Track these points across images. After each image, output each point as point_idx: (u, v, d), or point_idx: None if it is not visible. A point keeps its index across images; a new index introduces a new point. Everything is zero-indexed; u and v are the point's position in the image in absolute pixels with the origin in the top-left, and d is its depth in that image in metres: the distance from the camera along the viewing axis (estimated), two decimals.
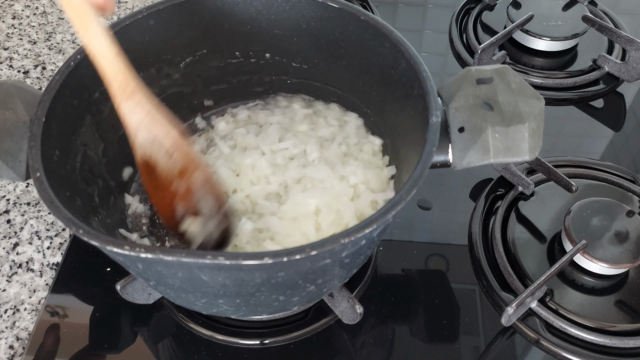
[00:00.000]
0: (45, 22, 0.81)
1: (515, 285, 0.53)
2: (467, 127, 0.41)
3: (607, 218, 0.54)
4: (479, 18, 0.82)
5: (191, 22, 0.51)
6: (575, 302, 0.52)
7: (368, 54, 0.50)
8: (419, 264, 0.56)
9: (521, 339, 0.51)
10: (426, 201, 0.62)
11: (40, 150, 0.38)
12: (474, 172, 0.63)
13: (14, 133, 0.41)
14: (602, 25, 0.73)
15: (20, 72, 0.74)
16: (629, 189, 0.60)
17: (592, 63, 0.75)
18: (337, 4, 0.49)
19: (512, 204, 0.59)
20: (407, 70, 0.45)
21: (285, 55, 0.56)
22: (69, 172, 0.43)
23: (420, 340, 0.51)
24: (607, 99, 0.73)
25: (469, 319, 0.52)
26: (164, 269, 0.36)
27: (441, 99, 0.42)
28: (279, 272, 0.36)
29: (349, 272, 0.45)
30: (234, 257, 0.32)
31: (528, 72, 0.74)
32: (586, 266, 0.53)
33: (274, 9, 0.52)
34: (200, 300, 0.40)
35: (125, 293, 0.46)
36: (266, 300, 0.40)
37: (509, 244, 0.56)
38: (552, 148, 0.67)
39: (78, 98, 0.45)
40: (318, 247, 0.33)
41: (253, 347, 0.50)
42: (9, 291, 0.54)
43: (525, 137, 0.40)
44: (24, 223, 0.59)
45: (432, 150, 0.38)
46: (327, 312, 0.51)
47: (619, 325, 0.51)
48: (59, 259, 0.56)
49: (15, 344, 0.51)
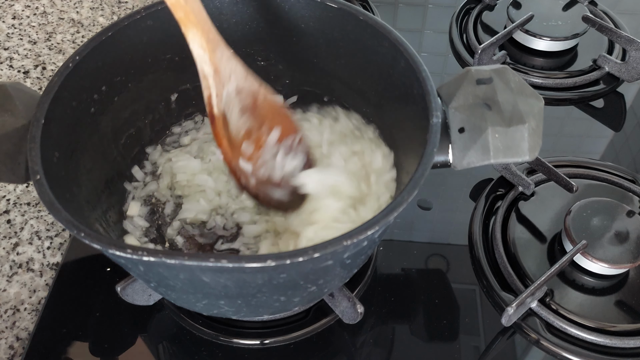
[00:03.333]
0: (45, 22, 0.81)
1: (516, 285, 0.53)
2: (467, 127, 0.41)
3: (607, 218, 0.54)
4: (479, 18, 0.82)
5: None
6: (576, 302, 0.52)
7: (367, 53, 0.50)
8: (419, 263, 0.56)
9: (521, 339, 0.51)
10: (426, 201, 0.62)
11: (40, 152, 0.38)
12: (474, 172, 0.63)
13: (13, 135, 0.40)
14: (602, 25, 0.73)
15: (21, 72, 0.74)
16: (629, 189, 0.60)
17: (592, 63, 0.75)
18: (335, 4, 0.49)
19: (512, 204, 0.59)
20: (406, 70, 0.45)
21: (284, 55, 0.56)
22: (69, 174, 0.43)
23: (420, 340, 0.51)
24: (607, 99, 0.73)
25: (469, 319, 0.52)
26: (166, 271, 0.36)
27: (441, 99, 0.42)
28: (281, 274, 0.36)
29: (350, 272, 0.45)
30: (237, 260, 0.32)
31: (528, 72, 0.74)
32: (586, 266, 0.53)
33: (273, 9, 0.51)
34: (201, 301, 0.40)
35: (125, 294, 0.46)
36: (267, 301, 0.40)
37: (509, 244, 0.56)
38: (552, 148, 0.67)
39: (77, 99, 0.45)
40: (320, 249, 0.33)
41: (253, 347, 0.50)
42: (9, 291, 0.54)
43: (525, 137, 0.40)
44: (24, 223, 0.59)
45: (432, 152, 0.38)
46: (328, 312, 0.51)
47: (619, 325, 0.51)
48: (59, 259, 0.56)
49: (15, 344, 0.51)
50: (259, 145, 0.44)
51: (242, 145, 0.44)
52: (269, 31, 0.53)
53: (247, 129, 0.43)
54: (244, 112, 0.43)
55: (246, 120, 0.43)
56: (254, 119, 0.44)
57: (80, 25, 0.81)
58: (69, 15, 0.82)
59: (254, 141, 0.44)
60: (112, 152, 0.51)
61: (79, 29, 0.80)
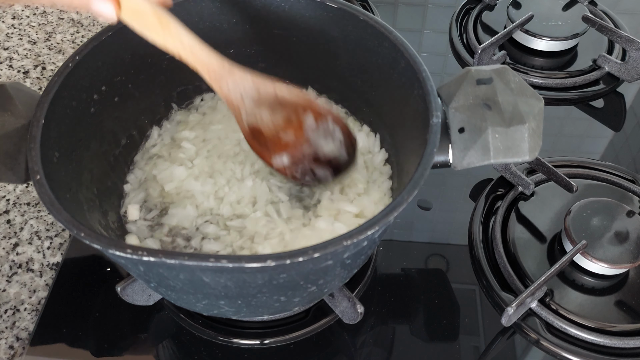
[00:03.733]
0: (45, 22, 0.81)
1: (516, 285, 0.53)
2: (467, 128, 0.41)
3: (607, 218, 0.54)
4: (479, 18, 0.82)
5: (190, 22, 0.51)
6: (575, 302, 0.52)
7: (367, 54, 0.50)
8: (419, 263, 0.56)
9: (521, 339, 0.51)
10: (426, 201, 0.62)
11: (40, 152, 0.38)
12: (474, 172, 0.63)
13: (13, 135, 0.40)
14: (602, 25, 0.73)
15: (20, 72, 0.74)
16: (629, 189, 0.61)
17: (592, 63, 0.75)
18: (335, 4, 0.49)
19: (512, 204, 0.59)
20: (406, 70, 0.45)
21: (284, 55, 0.56)
22: (69, 174, 0.43)
23: (420, 340, 0.51)
24: (607, 99, 0.73)
25: (469, 319, 0.52)
26: (166, 271, 0.36)
27: (441, 99, 0.42)
28: (281, 274, 0.36)
29: (350, 272, 0.45)
30: (237, 260, 0.32)
31: (528, 72, 0.74)
32: (586, 266, 0.53)
33: (273, 9, 0.51)
34: (201, 301, 0.40)
35: (125, 294, 0.46)
36: (267, 301, 0.40)
37: (509, 244, 0.56)
38: (552, 148, 0.67)
39: (77, 99, 0.45)
40: (320, 249, 0.33)
41: (253, 347, 0.50)
42: (9, 291, 0.54)
43: (525, 137, 0.40)
44: (24, 223, 0.59)
45: (432, 152, 0.38)
46: (327, 312, 0.51)
47: (619, 325, 0.51)
48: (59, 259, 0.56)
49: (15, 344, 0.51)
50: (300, 134, 0.45)
51: (282, 139, 0.45)
52: (269, 31, 0.53)
53: (283, 122, 0.44)
54: (273, 110, 0.44)
55: (278, 116, 0.44)
56: (284, 111, 0.44)
57: (80, 25, 0.81)
58: (69, 15, 0.82)
59: (293, 130, 0.45)
60: (113, 152, 0.51)
61: (79, 28, 0.80)
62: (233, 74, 0.42)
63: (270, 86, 0.43)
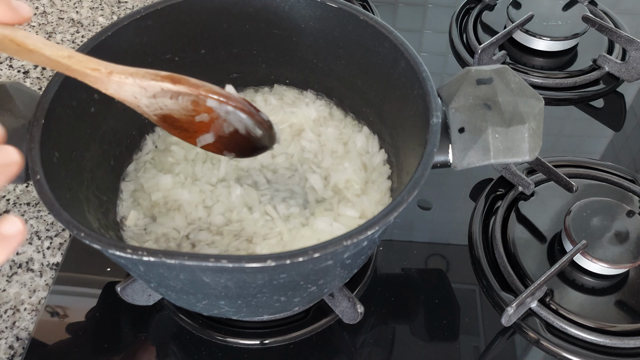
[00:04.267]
0: (45, 22, 0.81)
1: (515, 285, 0.53)
2: (467, 128, 0.41)
3: (607, 218, 0.54)
4: (479, 18, 0.82)
5: (190, 22, 0.51)
6: (576, 302, 0.52)
7: (367, 54, 0.50)
8: (419, 263, 0.56)
9: (521, 339, 0.51)
10: (426, 201, 0.62)
11: (40, 152, 0.38)
12: (474, 172, 0.63)
13: (13, 135, 0.40)
14: (602, 25, 0.73)
15: (20, 72, 0.74)
16: (629, 189, 0.61)
17: (592, 63, 0.75)
18: (336, 4, 0.49)
19: (512, 204, 0.59)
20: (406, 70, 0.45)
21: (284, 55, 0.56)
22: (69, 174, 0.43)
23: (420, 340, 0.51)
24: (607, 99, 0.73)
25: (469, 319, 0.52)
26: (166, 271, 0.36)
27: (441, 99, 0.42)
28: (281, 274, 0.36)
29: (350, 272, 0.45)
30: (237, 260, 0.32)
31: (528, 72, 0.74)
32: (586, 266, 0.53)
33: (273, 8, 0.51)
34: (201, 301, 0.40)
35: (125, 294, 0.46)
36: (268, 301, 0.40)
37: (509, 244, 0.56)
38: (552, 148, 0.67)
39: (77, 99, 0.45)
40: (320, 249, 0.33)
41: (253, 347, 0.50)
42: (9, 291, 0.54)
43: (525, 138, 0.40)
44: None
45: (432, 152, 0.38)
46: (327, 312, 0.51)
47: (619, 325, 0.51)
48: (59, 259, 0.56)
49: (15, 344, 0.51)
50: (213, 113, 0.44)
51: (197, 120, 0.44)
52: (269, 31, 0.53)
53: (192, 105, 0.43)
54: (175, 98, 0.43)
55: (184, 101, 0.43)
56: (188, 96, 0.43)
57: (80, 25, 0.81)
58: (69, 15, 0.82)
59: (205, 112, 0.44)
60: (113, 152, 0.51)
61: (79, 28, 0.80)
62: (111, 79, 0.39)
63: (156, 85, 0.42)
